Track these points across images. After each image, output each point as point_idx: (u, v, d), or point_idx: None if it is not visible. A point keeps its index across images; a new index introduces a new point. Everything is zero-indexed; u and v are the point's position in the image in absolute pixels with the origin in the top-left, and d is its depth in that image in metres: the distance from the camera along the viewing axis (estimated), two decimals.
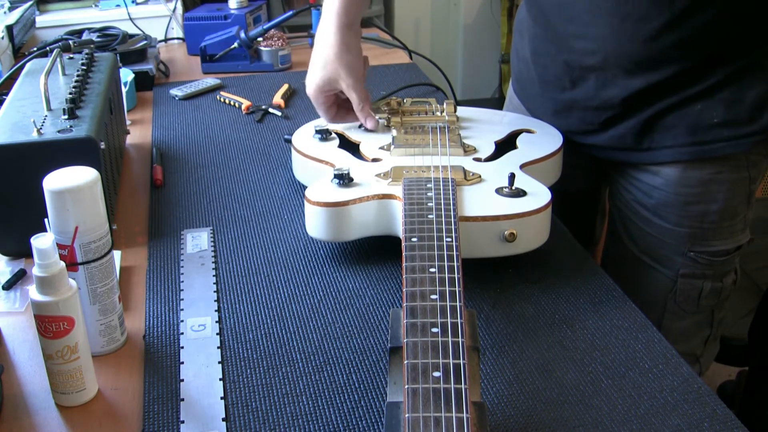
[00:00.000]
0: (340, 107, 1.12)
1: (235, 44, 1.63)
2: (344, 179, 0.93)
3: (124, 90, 1.37)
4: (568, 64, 1.05)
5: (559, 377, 0.74)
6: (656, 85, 0.98)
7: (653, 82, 0.98)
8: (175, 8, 2.11)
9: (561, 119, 1.11)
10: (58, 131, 0.94)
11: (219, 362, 0.77)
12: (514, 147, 1.05)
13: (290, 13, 1.60)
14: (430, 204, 0.85)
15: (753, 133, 0.99)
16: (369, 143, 1.07)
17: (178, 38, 1.95)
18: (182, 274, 0.92)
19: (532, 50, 1.13)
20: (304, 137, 1.10)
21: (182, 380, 0.75)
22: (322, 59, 1.07)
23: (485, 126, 1.12)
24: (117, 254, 0.96)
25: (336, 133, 1.11)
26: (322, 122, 1.14)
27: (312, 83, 1.09)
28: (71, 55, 1.25)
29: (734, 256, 1.07)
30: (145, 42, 1.63)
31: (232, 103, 1.45)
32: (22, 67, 1.22)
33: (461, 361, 0.60)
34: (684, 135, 1.00)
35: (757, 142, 1.00)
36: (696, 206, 1.03)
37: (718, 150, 1.00)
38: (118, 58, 1.34)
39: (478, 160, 1.01)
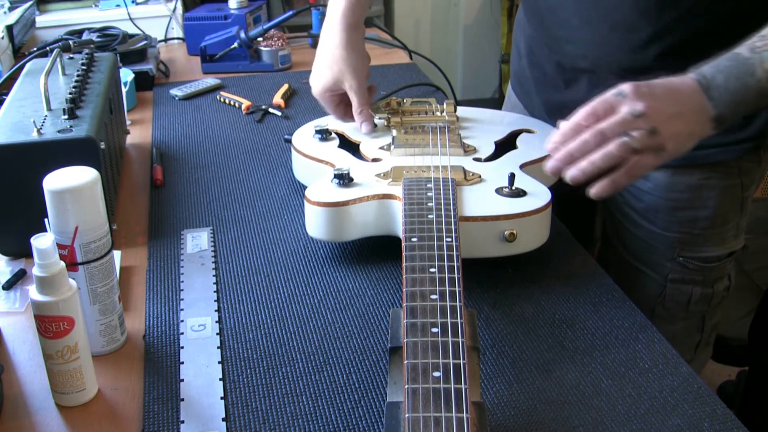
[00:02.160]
0: (348, 105, 1.12)
1: (235, 44, 1.63)
2: (344, 179, 0.93)
3: (124, 90, 1.37)
4: (560, 64, 1.05)
5: (559, 377, 0.74)
6: None
7: None
8: (175, 8, 2.11)
9: (555, 118, 1.11)
10: (58, 131, 0.94)
11: (219, 362, 0.77)
12: (514, 147, 1.05)
13: (290, 13, 1.60)
14: (430, 204, 0.85)
15: (743, 140, 0.99)
16: (369, 143, 1.07)
17: (178, 38, 1.94)
18: (182, 274, 0.92)
19: (528, 49, 1.13)
20: (304, 137, 1.10)
21: (182, 380, 0.75)
22: (328, 59, 1.07)
23: (485, 126, 1.12)
24: (117, 254, 0.96)
25: (336, 133, 1.11)
26: (322, 122, 1.14)
27: (318, 83, 1.09)
28: (71, 55, 1.25)
29: (726, 263, 1.06)
30: (145, 42, 1.63)
31: (232, 103, 1.45)
32: (22, 67, 1.22)
33: (461, 361, 0.60)
34: None
35: (749, 150, 1.00)
36: (685, 212, 1.02)
37: (708, 156, 0.99)
38: (118, 58, 1.34)
39: (478, 160, 1.01)
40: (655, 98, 0.78)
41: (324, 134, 1.09)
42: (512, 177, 0.91)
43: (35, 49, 1.58)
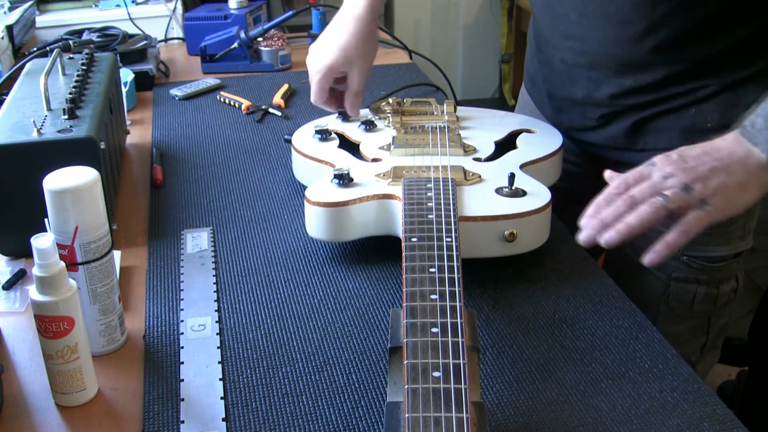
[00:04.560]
0: (333, 97, 1.15)
1: (235, 44, 1.63)
2: (344, 179, 0.93)
3: (124, 90, 1.37)
4: (563, 61, 1.06)
5: (559, 377, 0.74)
6: (647, 87, 0.99)
7: (643, 83, 0.99)
8: (175, 8, 2.10)
9: (563, 115, 1.11)
10: (58, 131, 0.94)
11: (219, 362, 0.77)
12: (514, 147, 1.05)
13: (290, 13, 1.60)
14: (430, 204, 0.85)
15: None
16: (369, 143, 1.07)
17: (178, 38, 1.94)
18: (182, 274, 0.92)
19: (537, 46, 1.14)
20: (304, 137, 1.10)
21: (182, 380, 0.75)
22: (339, 44, 1.10)
23: (485, 126, 1.12)
24: (117, 254, 0.96)
25: (336, 133, 1.11)
26: (322, 122, 1.14)
27: (321, 63, 1.10)
28: (71, 55, 1.25)
29: (732, 264, 1.05)
30: (145, 42, 1.63)
31: (232, 103, 1.45)
32: (22, 67, 1.22)
33: (461, 361, 0.60)
34: (677, 138, 1.00)
35: None
36: None
37: None
38: (118, 58, 1.34)
39: (478, 160, 1.01)
40: (684, 160, 0.79)
41: (324, 134, 1.09)
42: (512, 177, 0.91)
43: (35, 49, 1.58)
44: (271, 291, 0.89)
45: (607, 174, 0.85)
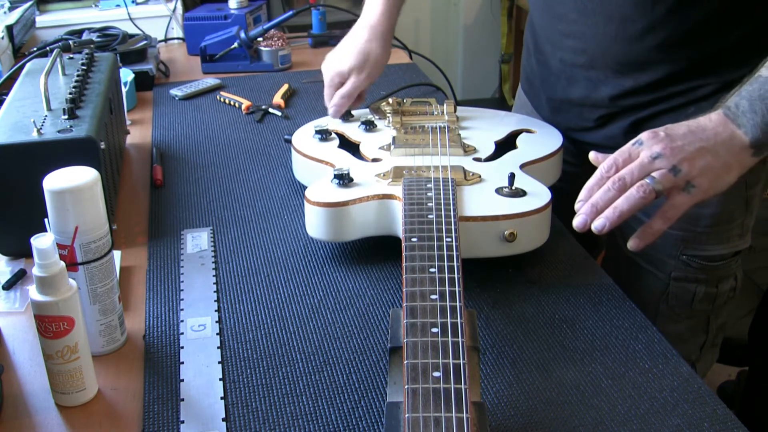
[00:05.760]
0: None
1: (235, 44, 1.63)
2: (344, 179, 0.93)
3: (124, 90, 1.37)
4: (563, 61, 1.06)
5: (559, 377, 0.74)
6: (646, 87, 0.99)
7: (642, 83, 0.99)
8: (175, 8, 2.10)
9: (560, 116, 1.11)
10: (58, 131, 0.94)
11: (219, 362, 0.77)
12: (514, 147, 1.05)
13: (290, 13, 1.60)
14: (430, 204, 0.85)
15: None
16: (369, 143, 1.07)
17: (178, 38, 1.95)
18: (182, 274, 0.92)
19: (535, 46, 1.14)
20: (304, 137, 1.10)
21: (182, 380, 0.75)
22: (360, 52, 1.14)
23: (485, 126, 1.12)
24: (117, 254, 0.96)
25: (336, 133, 1.11)
26: (322, 122, 1.14)
27: (336, 67, 1.15)
28: (71, 55, 1.25)
29: (731, 262, 1.06)
30: (145, 42, 1.63)
31: (232, 103, 1.45)
32: (22, 67, 1.22)
33: (461, 361, 0.60)
34: None
35: None
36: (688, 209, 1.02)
37: None
38: (118, 58, 1.34)
39: (478, 160, 1.01)
40: (672, 139, 0.79)
41: (324, 134, 1.09)
42: (512, 177, 0.91)
43: (35, 49, 1.58)
44: (271, 291, 0.89)
45: (592, 155, 0.85)
